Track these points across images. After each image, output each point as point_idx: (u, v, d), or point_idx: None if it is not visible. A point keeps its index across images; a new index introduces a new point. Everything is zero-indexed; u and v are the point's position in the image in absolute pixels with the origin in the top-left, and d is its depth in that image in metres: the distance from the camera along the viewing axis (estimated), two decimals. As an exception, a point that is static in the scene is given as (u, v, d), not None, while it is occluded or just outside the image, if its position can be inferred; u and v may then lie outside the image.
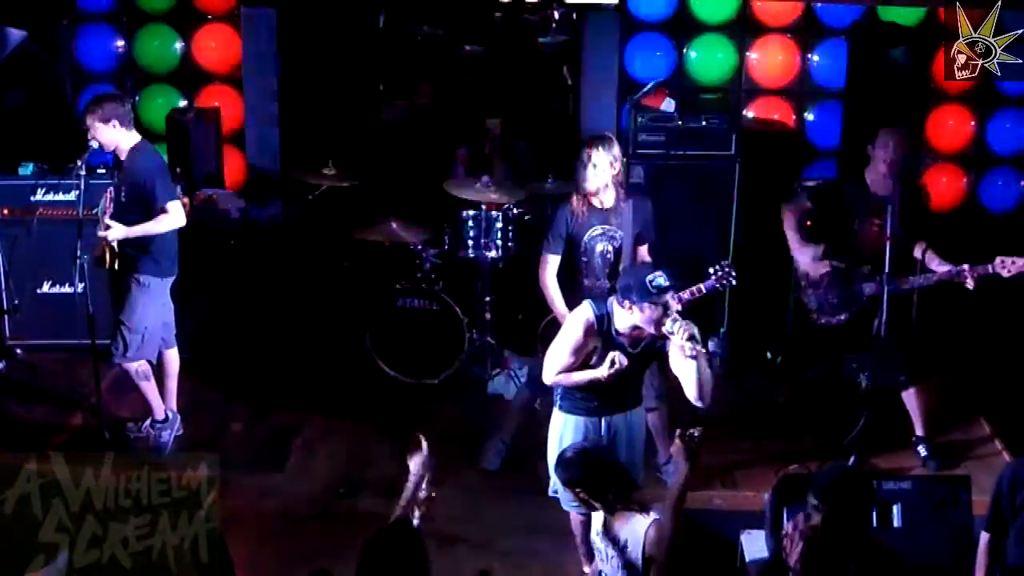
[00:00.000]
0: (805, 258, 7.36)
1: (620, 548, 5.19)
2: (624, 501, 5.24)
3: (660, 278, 5.63)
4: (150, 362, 7.30)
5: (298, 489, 7.11)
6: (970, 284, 6.89)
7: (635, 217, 6.93)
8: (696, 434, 5.15)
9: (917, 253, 7.03)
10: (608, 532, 5.26)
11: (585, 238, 6.90)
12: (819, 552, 4.90)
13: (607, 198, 6.88)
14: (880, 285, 6.93)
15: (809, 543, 4.94)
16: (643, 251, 7.01)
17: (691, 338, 5.56)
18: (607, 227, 6.90)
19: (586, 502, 5.31)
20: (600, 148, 6.80)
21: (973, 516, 5.94)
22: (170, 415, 7.45)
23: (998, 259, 6.80)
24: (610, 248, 6.92)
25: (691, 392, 5.77)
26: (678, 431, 5.20)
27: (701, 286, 6.72)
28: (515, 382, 8.11)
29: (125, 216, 7.01)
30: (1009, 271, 6.78)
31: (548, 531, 6.57)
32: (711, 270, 6.72)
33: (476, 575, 5.37)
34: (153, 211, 7.00)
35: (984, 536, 5.29)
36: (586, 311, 5.87)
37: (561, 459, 5.41)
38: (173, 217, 7.05)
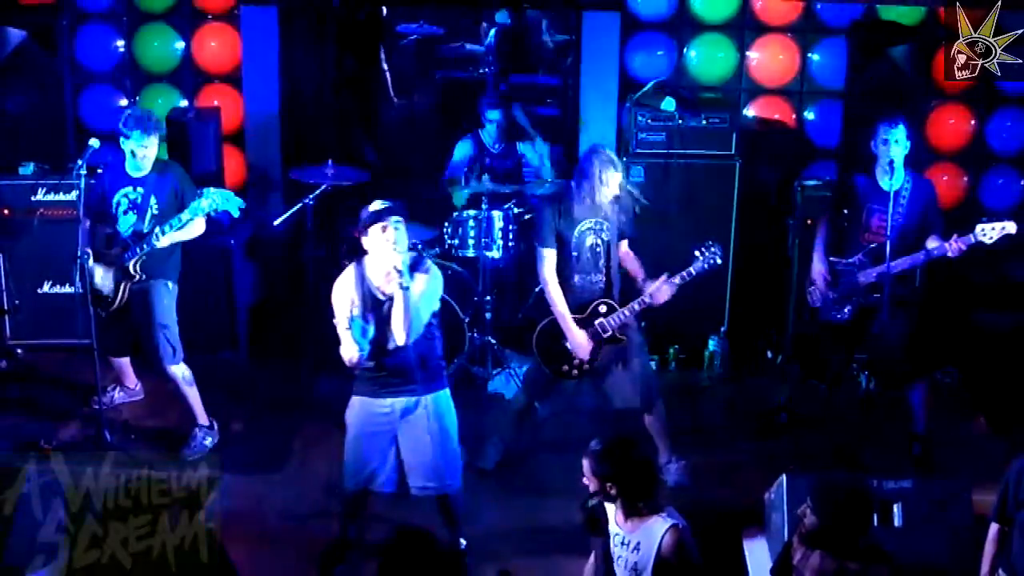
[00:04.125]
0: (815, 263, 7.37)
1: (632, 549, 5.16)
2: (647, 502, 5.19)
3: (378, 202, 5.93)
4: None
5: (298, 488, 7.12)
6: (952, 253, 6.89)
7: (618, 212, 6.94)
8: (593, 502, 5.11)
9: (928, 246, 7.04)
10: (620, 531, 5.22)
11: (575, 233, 6.88)
12: (817, 550, 4.90)
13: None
14: (878, 274, 6.97)
15: (803, 540, 4.94)
16: (624, 246, 7.02)
17: (395, 268, 5.79)
18: (595, 220, 6.90)
19: (611, 497, 5.25)
20: (615, 170, 6.81)
21: (974, 516, 5.95)
22: (215, 423, 7.55)
23: (978, 226, 6.81)
24: (599, 241, 6.91)
25: (395, 327, 5.89)
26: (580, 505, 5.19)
27: (691, 269, 6.75)
28: (515, 381, 8.11)
29: (159, 225, 7.11)
30: (991, 237, 6.80)
31: (546, 530, 6.58)
32: (697, 252, 6.76)
33: None
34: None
35: (993, 527, 5.29)
36: (346, 272, 6.07)
37: (593, 451, 5.20)
38: (200, 225, 7.25)
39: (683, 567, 5.03)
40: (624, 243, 7.02)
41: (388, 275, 5.90)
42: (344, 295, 6.02)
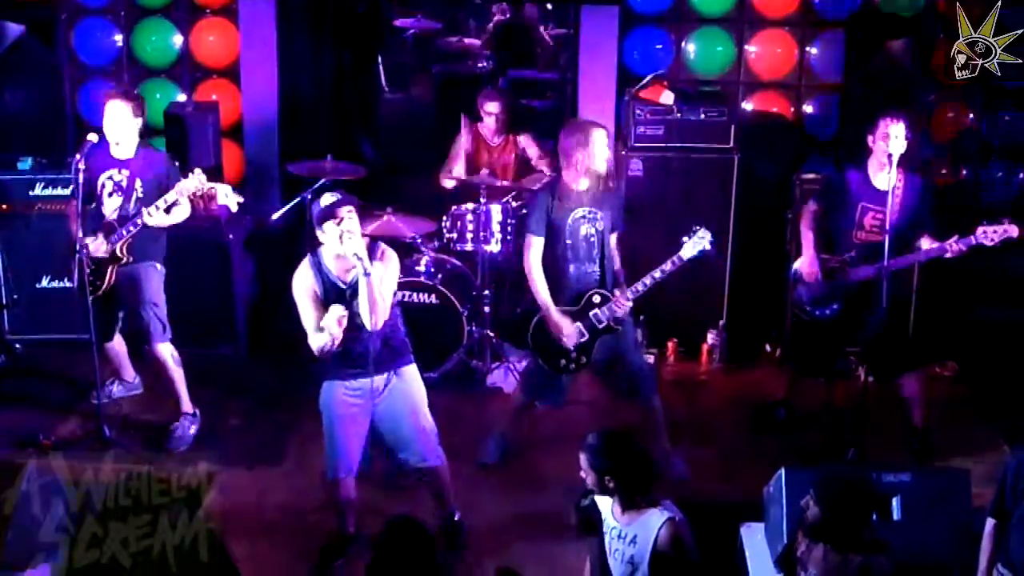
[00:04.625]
0: (805, 257, 7.35)
1: (628, 542, 5.16)
2: (644, 495, 5.19)
3: (328, 195, 5.98)
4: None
5: (296, 483, 7.12)
6: (951, 254, 6.89)
7: (609, 202, 6.95)
8: (585, 503, 5.14)
9: (922, 245, 7.04)
10: (616, 524, 5.22)
11: (569, 221, 6.88)
12: (820, 543, 4.92)
13: (589, 182, 6.90)
14: (874, 271, 6.96)
15: (808, 533, 4.95)
16: (612, 239, 7.01)
17: (356, 256, 5.83)
18: (589, 209, 6.90)
19: (608, 491, 5.25)
20: (604, 131, 6.88)
21: (973, 509, 5.95)
22: (196, 410, 7.59)
23: (979, 229, 6.80)
24: (594, 230, 6.91)
25: (363, 313, 5.91)
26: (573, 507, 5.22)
27: (680, 255, 6.73)
28: (514, 375, 8.11)
29: (143, 208, 7.14)
30: (992, 240, 6.79)
31: (546, 524, 6.58)
32: (684, 239, 6.75)
33: (496, 574, 5.34)
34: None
35: (990, 522, 5.28)
36: (303, 265, 6.09)
37: (590, 445, 5.22)
38: (185, 210, 7.26)
39: (679, 560, 5.04)
40: (613, 237, 7.02)
41: (350, 266, 5.95)
42: (305, 288, 6.06)
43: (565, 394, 7.28)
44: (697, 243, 6.75)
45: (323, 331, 5.91)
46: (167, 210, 7.13)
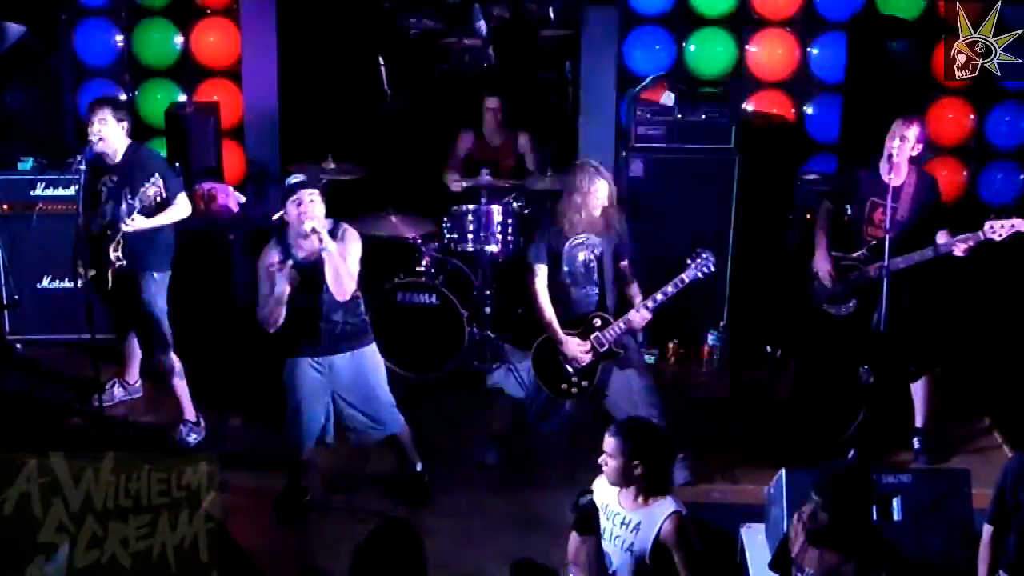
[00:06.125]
0: (818, 256, 7.37)
1: (631, 529, 5.16)
2: (661, 483, 5.20)
3: (294, 176, 6.51)
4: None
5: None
6: (959, 252, 6.89)
7: (614, 231, 6.95)
8: (583, 501, 5.15)
9: (938, 240, 7.04)
10: (620, 511, 5.22)
11: (566, 247, 6.92)
12: (821, 545, 4.91)
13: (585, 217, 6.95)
14: (877, 270, 6.97)
15: (811, 537, 4.95)
16: (624, 266, 7.01)
17: (313, 231, 6.27)
18: (586, 236, 6.92)
19: (632, 478, 5.23)
20: (607, 183, 6.89)
21: (973, 509, 5.95)
22: (201, 419, 7.58)
23: (987, 223, 6.80)
24: (592, 256, 6.92)
25: (331, 285, 6.40)
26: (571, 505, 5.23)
27: (683, 276, 6.74)
28: (515, 376, 8.11)
29: (124, 215, 7.06)
30: (1000, 235, 6.78)
31: (545, 525, 6.57)
32: (689, 260, 6.76)
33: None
34: (164, 205, 7.14)
35: (987, 529, 5.28)
36: (269, 244, 6.58)
37: (619, 429, 5.20)
38: (182, 208, 7.29)
39: (681, 553, 5.03)
40: (625, 263, 7.01)
41: (312, 248, 6.36)
42: (266, 264, 6.46)
43: (566, 420, 7.22)
44: (701, 265, 6.74)
45: (269, 298, 6.35)
46: (148, 214, 7.05)
